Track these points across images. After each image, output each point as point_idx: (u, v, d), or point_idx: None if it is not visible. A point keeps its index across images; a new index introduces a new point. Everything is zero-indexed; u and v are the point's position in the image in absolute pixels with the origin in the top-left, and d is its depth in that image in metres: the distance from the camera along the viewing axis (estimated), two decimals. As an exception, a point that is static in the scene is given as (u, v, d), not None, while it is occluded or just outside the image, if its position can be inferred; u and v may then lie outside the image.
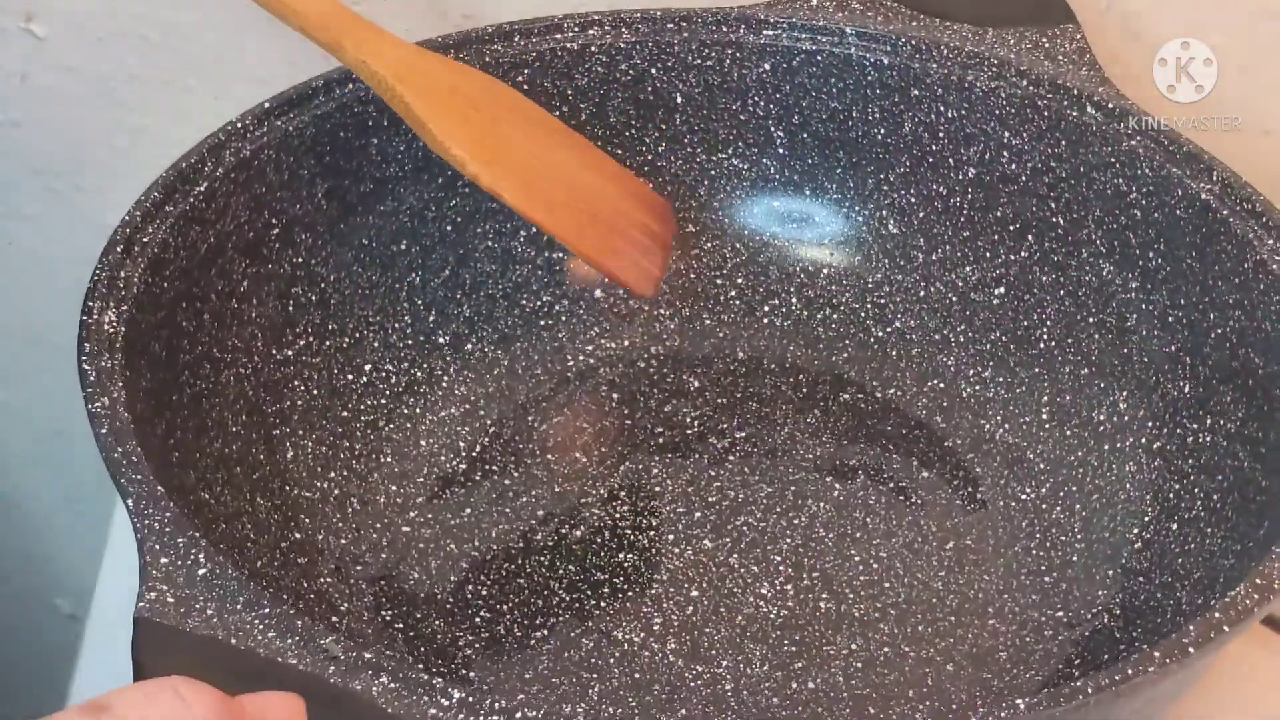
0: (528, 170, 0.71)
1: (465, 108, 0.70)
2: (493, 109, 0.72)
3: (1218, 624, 0.52)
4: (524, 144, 0.72)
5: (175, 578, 0.52)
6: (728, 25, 0.80)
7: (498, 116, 0.72)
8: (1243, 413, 0.67)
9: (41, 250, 0.88)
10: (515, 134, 0.72)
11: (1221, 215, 0.69)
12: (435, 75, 0.70)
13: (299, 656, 0.49)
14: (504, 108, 0.73)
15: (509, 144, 0.71)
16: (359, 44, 0.68)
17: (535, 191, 0.70)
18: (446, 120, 0.68)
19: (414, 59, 0.70)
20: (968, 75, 0.78)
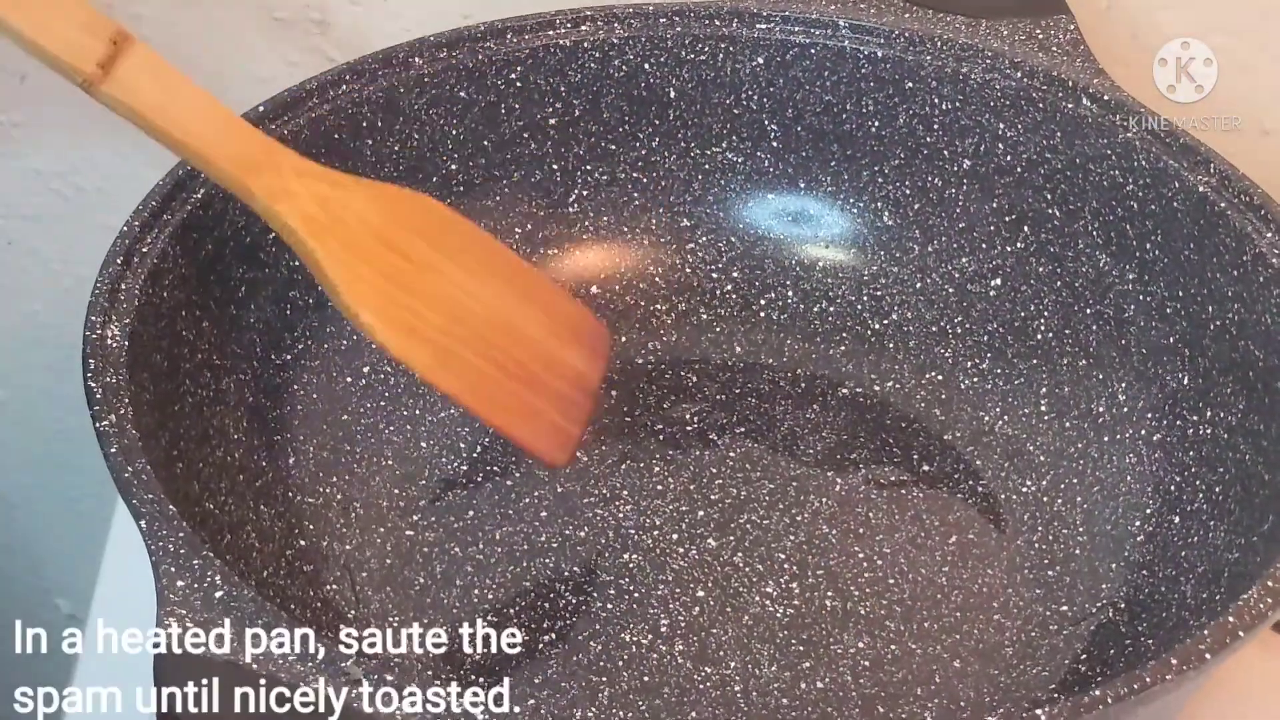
0: (444, 329, 0.66)
1: (384, 254, 0.64)
2: (416, 246, 0.66)
3: (1232, 629, 0.53)
4: (445, 289, 0.67)
5: (193, 601, 0.51)
6: (720, 19, 0.80)
7: (419, 256, 0.66)
8: (1243, 405, 0.68)
9: (41, 250, 0.88)
10: (436, 278, 0.66)
11: (1219, 208, 0.70)
12: (354, 217, 0.64)
13: (321, 682, 0.49)
14: (428, 240, 0.67)
15: (427, 295, 0.65)
16: (270, 188, 0.62)
17: (449, 357, 0.65)
18: (358, 278, 0.63)
19: (333, 196, 0.64)
20: (962, 67, 0.77)
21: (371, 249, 0.64)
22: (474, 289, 0.68)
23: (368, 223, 0.64)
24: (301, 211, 0.62)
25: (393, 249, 0.65)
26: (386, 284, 0.64)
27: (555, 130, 0.80)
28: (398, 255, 0.65)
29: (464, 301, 0.67)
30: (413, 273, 0.65)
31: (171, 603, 0.51)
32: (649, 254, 0.83)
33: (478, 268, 0.69)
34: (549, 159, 0.81)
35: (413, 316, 0.64)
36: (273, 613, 0.51)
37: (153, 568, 0.53)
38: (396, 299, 0.64)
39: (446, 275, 0.67)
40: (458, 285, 0.67)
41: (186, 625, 0.51)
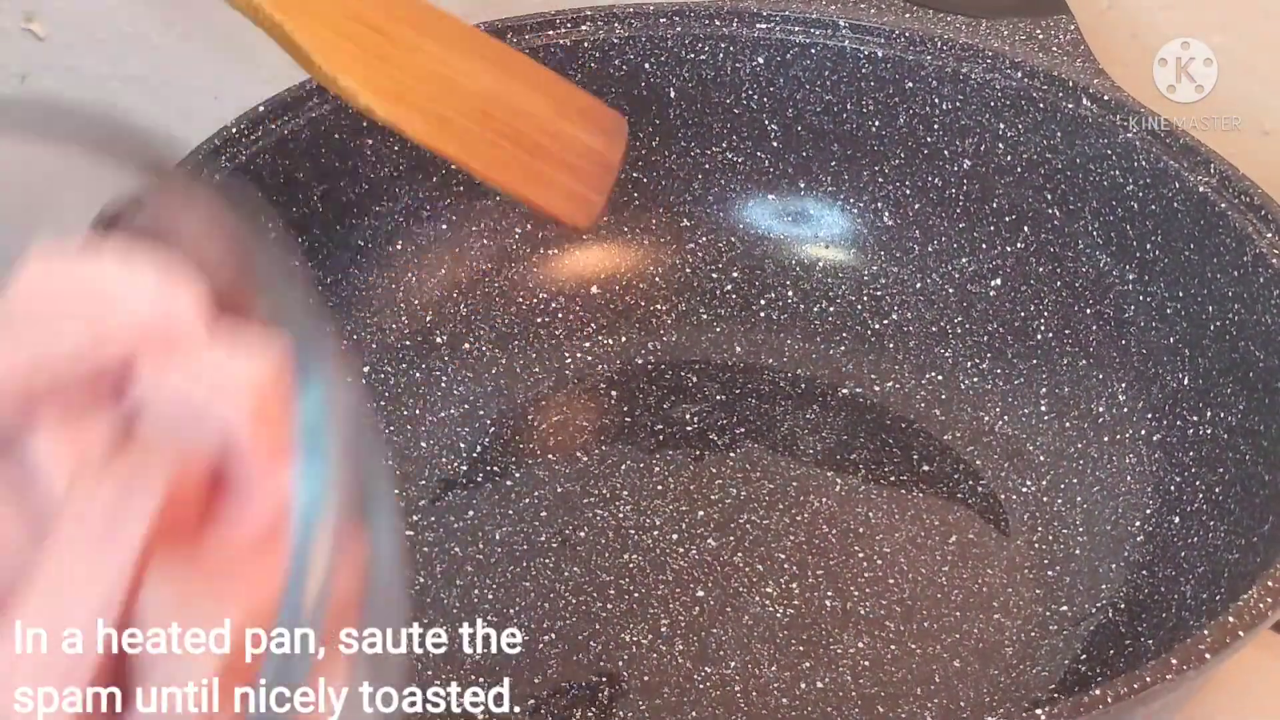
0: (437, 98, 0.63)
1: (362, 31, 0.62)
2: (397, 28, 0.63)
3: (1232, 629, 0.53)
4: (433, 66, 0.64)
5: (193, 601, 0.51)
6: (721, 19, 0.80)
7: (402, 37, 0.64)
8: (1243, 405, 0.68)
9: (40, 252, 0.88)
10: (423, 56, 0.64)
11: (1220, 208, 0.70)
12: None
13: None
14: (412, 26, 0.65)
15: (414, 69, 0.63)
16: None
17: (445, 122, 0.63)
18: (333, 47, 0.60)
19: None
20: (962, 67, 0.78)
21: (349, 26, 0.61)
22: (465, 67, 0.66)
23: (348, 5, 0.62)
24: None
25: (370, 27, 0.62)
26: (365, 54, 0.61)
27: (555, 130, 0.80)
28: (377, 33, 0.62)
29: (455, 78, 0.65)
30: (394, 48, 0.63)
31: (171, 603, 0.51)
32: (649, 254, 0.83)
33: (468, 50, 0.67)
34: (549, 159, 0.81)
35: (399, 85, 0.62)
36: (273, 613, 0.51)
37: (153, 568, 0.53)
38: (380, 69, 0.61)
39: (433, 54, 0.65)
40: (447, 64, 0.65)
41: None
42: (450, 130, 0.63)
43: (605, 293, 0.82)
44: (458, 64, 0.66)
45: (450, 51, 0.66)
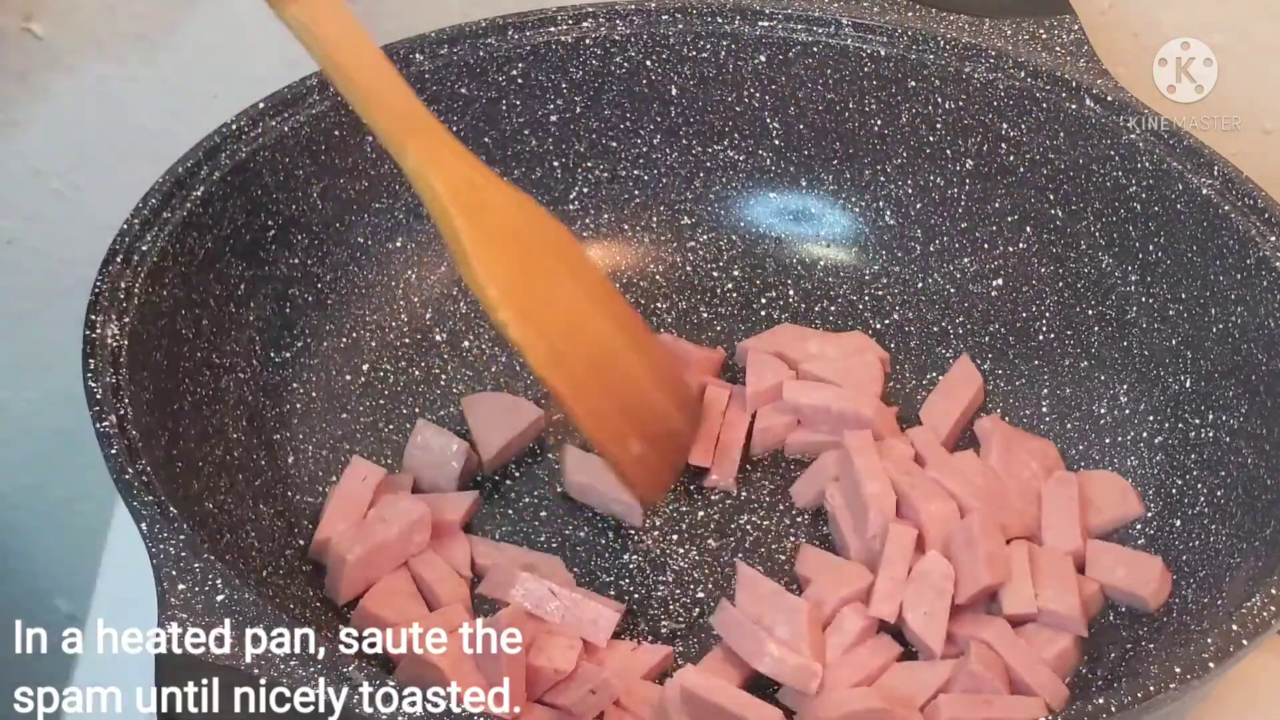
0: (561, 336, 0.64)
1: (517, 251, 0.64)
2: (546, 258, 0.66)
3: (1236, 637, 0.53)
4: (567, 305, 0.66)
5: (194, 605, 0.51)
6: (723, 17, 0.80)
7: (548, 268, 0.66)
8: (1245, 408, 0.68)
9: (41, 250, 0.88)
10: (561, 292, 0.66)
11: (1223, 210, 0.69)
12: (497, 208, 0.64)
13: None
14: (559, 259, 0.67)
15: (551, 301, 0.65)
16: (424, 151, 0.62)
17: (564, 362, 0.64)
18: (491, 258, 0.62)
19: (479, 181, 0.64)
20: (965, 67, 0.77)
21: (506, 240, 0.63)
22: (591, 314, 0.67)
23: (507, 216, 0.64)
24: (450, 181, 0.62)
25: (523, 249, 0.64)
26: (515, 272, 0.63)
27: (556, 127, 0.80)
28: (528, 255, 0.64)
29: (581, 320, 0.66)
30: (540, 275, 0.65)
31: (173, 606, 0.51)
32: (650, 252, 0.83)
33: (597, 299, 0.68)
34: (550, 156, 0.81)
35: (534, 310, 0.63)
36: (273, 616, 0.51)
37: (154, 570, 0.53)
38: (522, 289, 0.63)
39: (569, 291, 0.66)
40: (577, 304, 0.66)
41: (187, 628, 0.50)
42: (565, 369, 0.64)
43: (605, 291, 0.82)
44: (587, 310, 0.67)
45: (584, 295, 0.67)
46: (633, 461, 0.67)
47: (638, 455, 0.67)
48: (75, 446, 0.93)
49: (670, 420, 0.70)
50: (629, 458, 0.67)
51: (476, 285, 0.62)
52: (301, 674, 0.49)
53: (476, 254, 0.61)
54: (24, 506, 0.98)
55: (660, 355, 0.72)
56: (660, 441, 0.69)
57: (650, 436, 0.68)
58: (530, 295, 0.63)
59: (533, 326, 0.62)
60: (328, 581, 0.67)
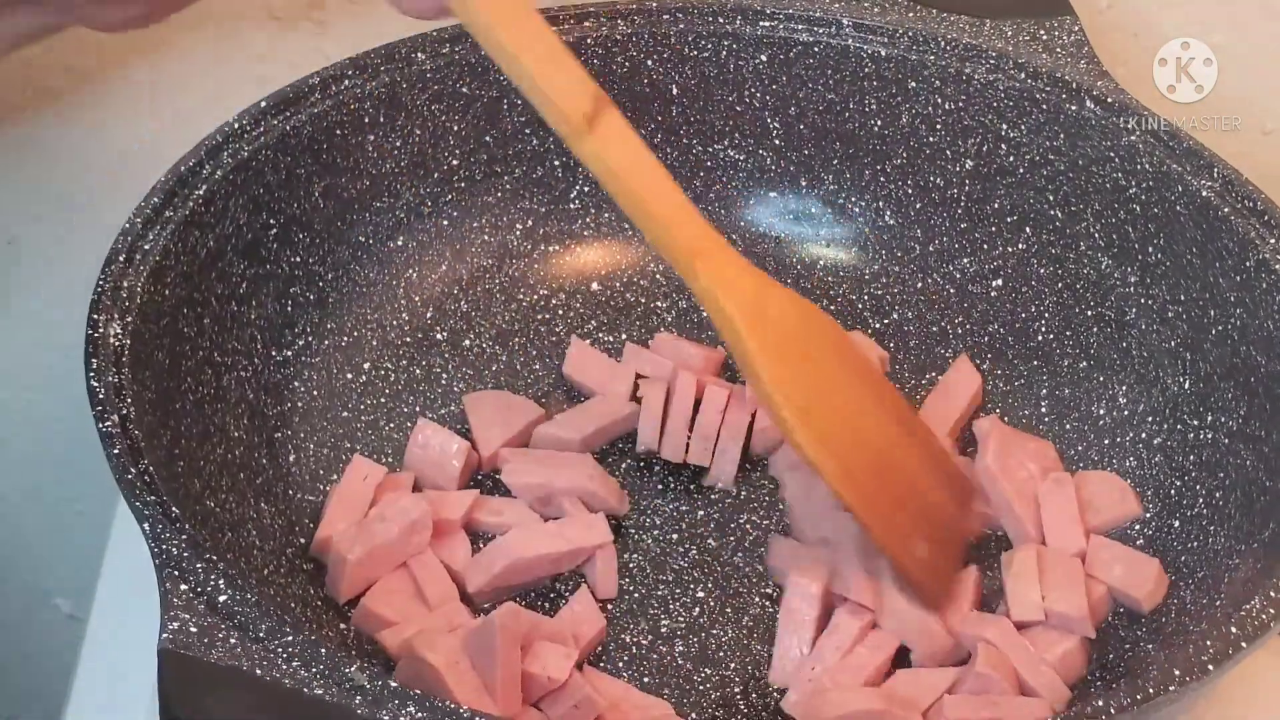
0: (849, 444, 0.64)
1: (800, 359, 0.64)
2: (827, 360, 0.66)
3: (1235, 640, 0.53)
4: (850, 407, 0.65)
5: (196, 605, 0.52)
6: (724, 17, 0.80)
7: (829, 371, 0.65)
8: (1244, 410, 0.68)
9: (43, 249, 0.88)
10: (843, 395, 0.65)
11: (1222, 213, 0.70)
12: (782, 319, 0.64)
13: (325, 687, 0.49)
14: (837, 357, 0.67)
15: (835, 407, 0.64)
16: (713, 273, 0.62)
17: (852, 473, 0.63)
18: (782, 378, 0.62)
19: (764, 294, 0.64)
20: (965, 67, 0.77)
21: (791, 351, 0.63)
22: (872, 413, 0.67)
23: (789, 325, 0.64)
24: (738, 301, 0.62)
25: (805, 355, 0.64)
26: (804, 388, 0.63)
27: (557, 127, 0.80)
28: (810, 363, 0.64)
29: (863, 422, 0.66)
30: (822, 383, 0.65)
31: (175, 607, 0.51)
32: (649, 251, 0.83)
33: (875, 394, 0.68)
34: (551, 155, 0.81)
35: (823, 424, 0.63)
36: (276, 617, 0.51)
37: (156, 572, 0.53)
38: (811, 404, 0.63)
39: (849, 393, 0.66)
40: (859, 405, 0.66)
41: (190, 630, 0.51)
42: (855, 481, 0.63)
43: (606, 290, 0.82)
44: (868, 408, 0.67)
45: (864, 393, 0.67)
46: (920, 565, 0.66)
47: (924, 557, 0.66)
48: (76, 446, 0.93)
49: (947, 511, 0.69)
50: (917, 562, 0.66)
51: (771, 407, 0.62)
52: (303, 674, 0.50)
53: (771, 377, 0.62)
54: (25, 506, 0.98)
55: (937, 450, 0.71)
56: (941, 537, 0.68)
57: (932, 533, 0.67)
58: (818, 408, 0.63)
59: (824, 444, 0.62)
60: (329, 580, 0.67)
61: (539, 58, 0.59)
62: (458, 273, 0.80)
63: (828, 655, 0.65)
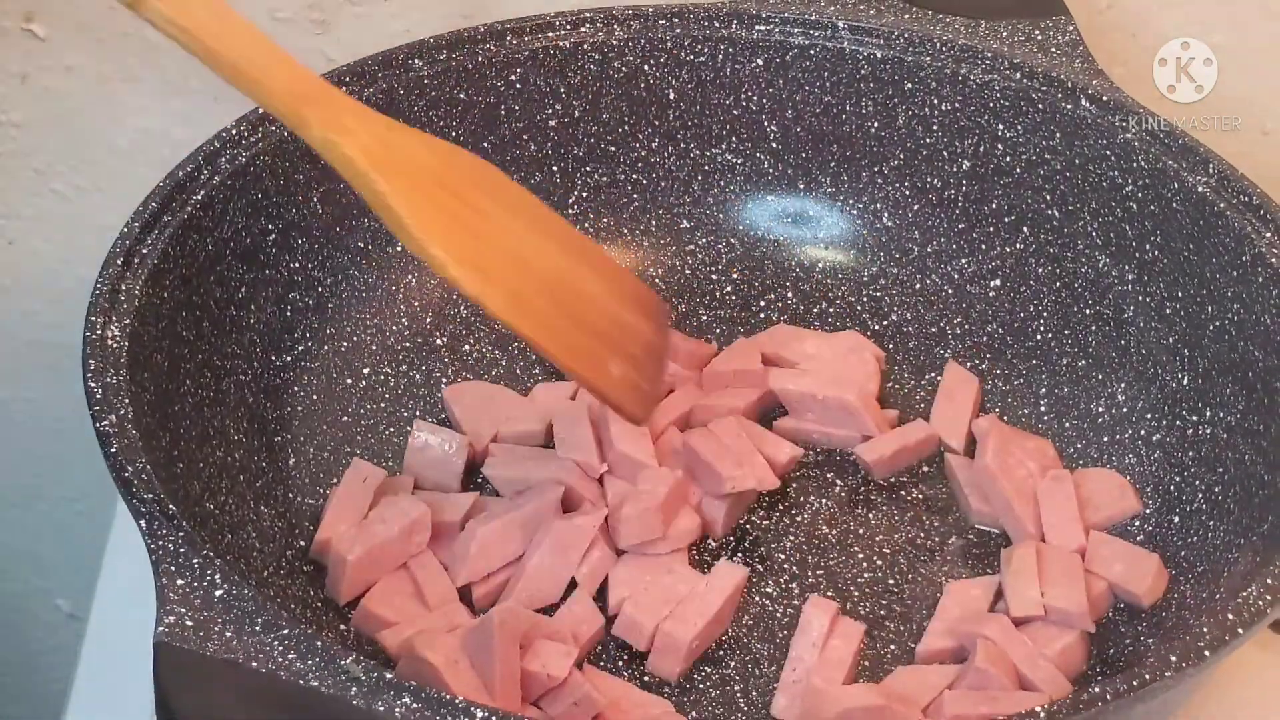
0: (514, 275, 0.62)
1: (446, 198, 0.61)
2: (476, 197, 0.63)
3: (1231, 626, 0.53)
4: (509, 240, 0.63)
5: (192, 600, 0.52)
6: (720, 21, 0.80)
7: (481, 207, 0.63)
8: (1243, 405, 0.68)
9: (41, 250, 0.88)
10: (500, 229, 0.63)
11: (1219, 208, 0.70)
12: (414, 158, 0.61)
13: (320, 679, 0.49)
14: (487, 194, 0.64)
15: (493, 241, 0.62)
16: (327, 120, 0.59)
17: (523, 301, 0.61)
18: (426, 215, 0.59)
19: (391, 137, 0.61)
20: (961, 68, 0.78)
21: (432, 190, 0.60)
22: (536, 243, 0.65)
23: (427, 166, 0.61)
24: (361, 144, 0.58)
25: (451, 194, 0.61)
26: (452, 223, 0.60)
27: (555, 132, 0.81)
28: (458, 200, 0.61)
29: (527, 253, 0.64)
30: (476, 218, 0.62)
31: (171, 601, 0.51)
32: (649, 255, 0.83)
33: (537, 225, 0.66)
34: (549, 160, 0.81)
35: (480, 257, 0.60)
36: (273, 611, 0.51)
37: (153, 567, 0.53)
38: (463, 239, 0.60)
39: (508, 227, 0.63)
40: (519, 237, 0.64)
41: (186, 623, 0.51)
42: (527, 310, 0.61)
43: (605, 294, 0.82)
44: (530, 240, 0.65)
45: (523, 226, 0.65)
46: (616, 384, 0.65)
47: (619, 377, 0.65)
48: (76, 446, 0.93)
49: (642, 333, 0.68)
50: (612, 381, 0.65)
51: (417, 247, 0.58)
52: (300, 667, 0.50)
53: (409, 215, 0.58)
54: (24, 506, 0.99)
55: (615, 270, 0.70)
56: (637, 357, 0.67)
57: (627, 354, 0.66)
58: (473, 242, 0.61)
59: (484, 275, 0.60)
60: (328, 582, 0.67)
61: None
62: (457, 277, 0.80)
63: (806, 655, 0.65)
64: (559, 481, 0.70)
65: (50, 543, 0.99)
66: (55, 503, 0.98)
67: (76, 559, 0.98)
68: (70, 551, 0.99)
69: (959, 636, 0.66)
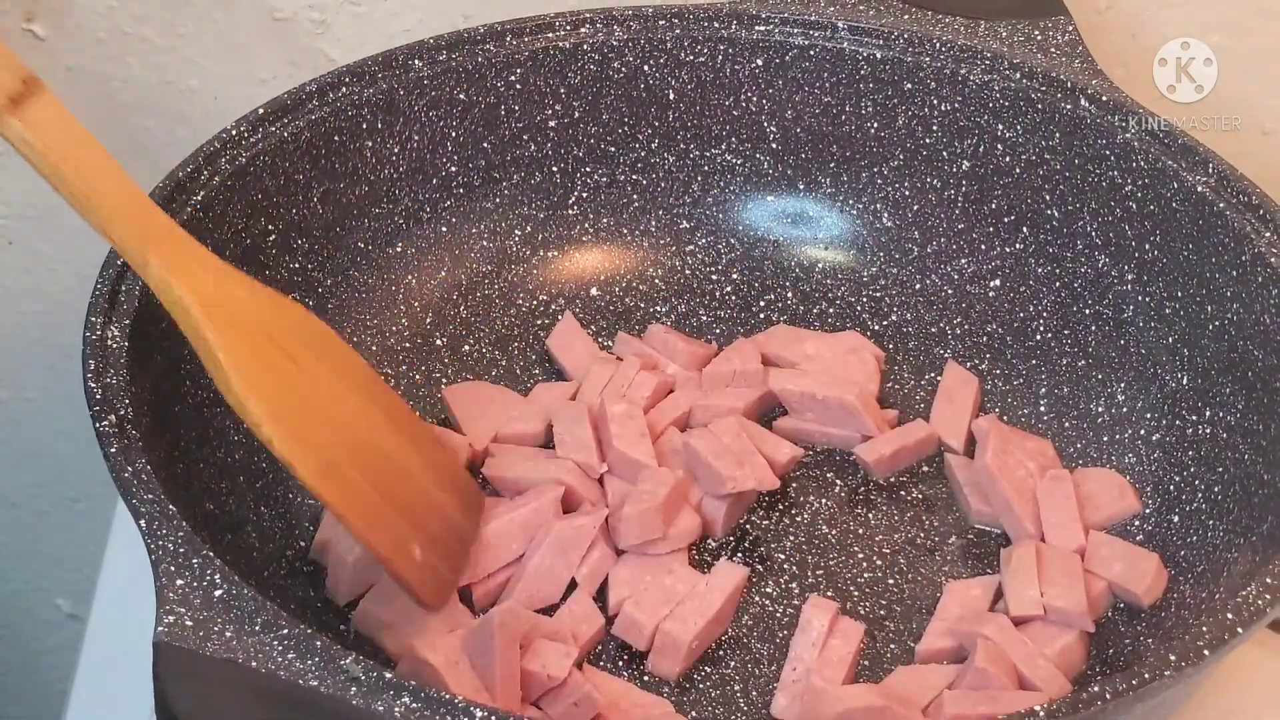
0: (329, 440, 0.60)
1: (275, 354, 0.60)
2: (305, 356, 0.62)
3: (1230, 626, 0.53)
4: (330, 404, 0.62)
5: (192, 600, 0.52)
6: (720, 21, 0.80)
7: (308, 367, 0.62)
8: (1242, 405, 0.68)
9: (41, 250, 0.88)
10: (323, 390, 0.62)
11: (1218, 208, 0.70)
12: (249, 310, 0.60)
13: (320, 678, 0.49)
14: (317, 354, 0.63)
15: (314, 403, 0.61)
16: (168, 261, 0.58)
17: (333, 470, 0.60)
18: (250, 371, 0.58)
19: (229, 285, 0.60)
20: (961, 69, 0.78)
21: (261, 345, 0.60)
22: (357, 408, 0.64)
23: (260, 318, 0.61)
24: (199, 291, 0.58)
25: (280, 350, 0.61)
26: (277, 382, 0.60)
27: (555, 132, 0.81)
28: (286, 358, 0.61)
29: (347, 418, 0.63)
30: (302, 379, 0.61)
31: (171, 601, 0.51)
32: (648, 256, 0.83)
33: (361, 391, 0.65)
34: (549, 161, 0.81)
35: (300, 420, 0.59)
36: (272, 611, 0.51)
37: (152, 567, 0.53)
38: (286, 399, 0.59)
39: (332, 389, 0.63)
40: (343, 402, 0.63)
41: (186, 623, 0.51)
42: (336, 478, 0.60)
43: (605, 295, 0.82)
44: (352, 404, 0.64)
45: (347, 389, 0.64)
46: (416, 568, 0.63)
47: (419, 560, 0.63)
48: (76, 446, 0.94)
49: (451, 517, 0.67)
50: (411, 564, 0.63)
51: (235, 402, 0.57)
52: (299, 667, 0.50)
53: (234, 368, 0.57)
54: (25, 506, 0.99)
55: (434, 447, 0.69)
56: (442, 541, 0.66)
57: (430, 536, 0.64)
58: (295, 405, 0.60)
59: (299, 438, 0.58)
60: (328, 582, 0.67)
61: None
62: (457, 278, 0.80)
63: (806, 654, 0.65)
64: (559, 481, 0.70)
65: (50, 543, 0.99)
66: (55, 503, 0.98)
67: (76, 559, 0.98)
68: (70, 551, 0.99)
69: (958, 636, 0.66)
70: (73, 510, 0.97)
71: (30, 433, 0.95)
